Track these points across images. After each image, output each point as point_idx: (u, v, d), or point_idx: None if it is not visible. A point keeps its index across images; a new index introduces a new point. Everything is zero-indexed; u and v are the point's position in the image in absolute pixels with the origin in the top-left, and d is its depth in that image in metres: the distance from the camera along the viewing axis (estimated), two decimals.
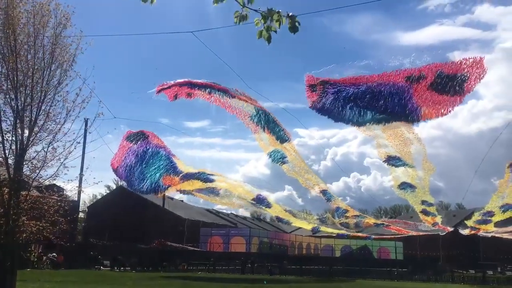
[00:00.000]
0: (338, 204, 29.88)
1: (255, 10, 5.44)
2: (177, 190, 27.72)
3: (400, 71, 12.34)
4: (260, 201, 27.28)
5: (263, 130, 23.18)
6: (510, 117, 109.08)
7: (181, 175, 24.15)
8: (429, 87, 11.87)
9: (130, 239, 49.33)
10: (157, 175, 23.92)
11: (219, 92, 21.58)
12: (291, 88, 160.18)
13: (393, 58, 12.40)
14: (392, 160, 22.12)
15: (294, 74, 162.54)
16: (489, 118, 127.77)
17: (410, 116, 12.67)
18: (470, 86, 11.46)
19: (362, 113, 13.84)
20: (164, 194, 50.89)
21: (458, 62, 11.36)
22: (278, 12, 5.35)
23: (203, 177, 25.07)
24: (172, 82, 21.57)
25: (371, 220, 36.00)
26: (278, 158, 24.38)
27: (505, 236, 36.90)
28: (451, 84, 11.47)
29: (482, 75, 11.28)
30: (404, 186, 24.97)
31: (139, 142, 24.41)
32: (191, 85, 21.52)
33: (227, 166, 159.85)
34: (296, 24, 5.39)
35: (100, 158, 19.98)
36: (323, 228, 36.24)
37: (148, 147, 24.41)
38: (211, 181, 25.51)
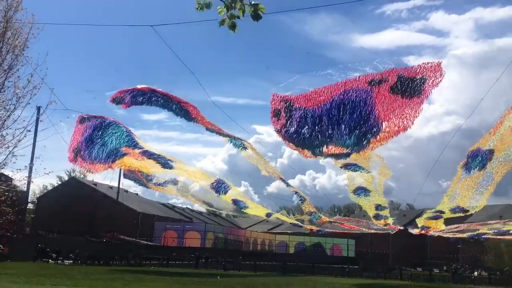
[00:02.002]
0: (297, 190, 30.22)
1: None
2: (134, 171, 26.98)
3: (363, 77, 12.51)
4: (219, 185, 27.06)
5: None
6: (459, 122, 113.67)
7: (141, 150, 23.45)
8: (391, 90, 12.09)
9: (82, 232, 48.13)
10: (118, 146, 23.10)
11: (176, 110, 21.28)
12: (252, 84, 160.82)
13: (356, 64, 12.47)
14: (349, 166, 22.22)
15: (255, 71, 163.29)
16: (440, 123, 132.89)
17: (371, 131, 12.84)
18: (428, 89, 11.77)
19: (326, 143, 14.04)
20: (119, 187, 50.02)
21: (417, 66, 11.69)
22: (241, 0, 5.26)
23: (162, 161, 24.54)
24: (131, 88, 20.83)
25: (325, 219, 36.52)
26: (239, 144, 24.41)
27: (452, 235, 38.34)
28: (411, 86, 11.75)
29: (440, 79, 11.62)
30: (358, 191, 25.30)
31: (94, 120, 23.54)
32: (149, 95, 20.85)
33: (184, 161, 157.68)
34: (259, 12, 5.29)
35: (52, 148, 19.47)
36: (277, 215, 36.32)
37: (106, 120, 23.63)
38: (170, 167, 25.04)
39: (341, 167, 22.66)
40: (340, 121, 13.13)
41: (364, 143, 13.32)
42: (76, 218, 56.50)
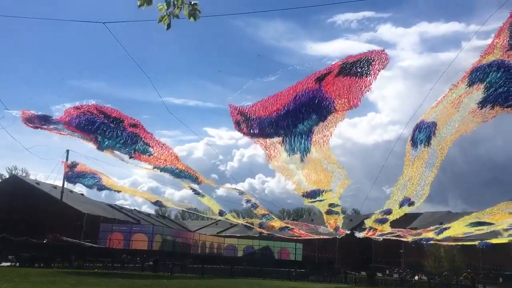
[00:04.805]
0: (249, 198, 30.20)
1: None
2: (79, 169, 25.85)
3: (311, 75, 12.62)
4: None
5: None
6: (401, 131, 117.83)
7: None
8: (337, 75, 12.20)
9: (22, 233, 46.03)
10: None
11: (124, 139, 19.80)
12: (203, 87, 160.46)
13: (305, 65, 12.68)
14: (311, 194, 21.95)
15: (206, 73, 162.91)
16: (385, 131, 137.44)
17: (324, 111, 12.84)
18: (376, 70, 11.94)
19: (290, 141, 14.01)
20: (63, 186, 48.24)
21: (362, 53, 11.90)
22: None
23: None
24: (77, 104, 19.42)
25: (276, 223, 36.64)
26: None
27: (396, 237, 39.64)
28: (356, 66, 11.91)
29: (385, 63, 11.86)
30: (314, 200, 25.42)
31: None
32: (94, 120, 19.29)
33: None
34: (196, 12, 5.46)
35: None
36: (229, 216, 36.11)
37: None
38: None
39: (303, 195, 22.19)
40: (295, 125, 13.18)
41: (321, 119, 13.22)
42: (16, 218, 54.04)
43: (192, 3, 5.45)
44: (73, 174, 27.01)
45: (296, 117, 13.05)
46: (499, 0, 10.64)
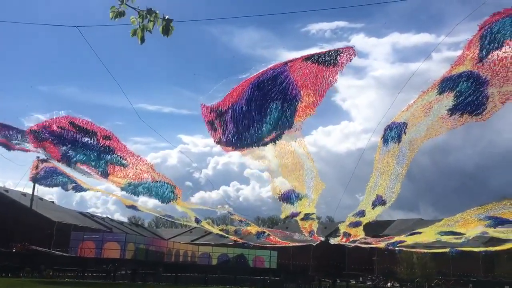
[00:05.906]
0: (226, 209, 30.22)
1: (133, 8, 5.44)
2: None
3: (280, 62, 12.73)
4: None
5: None
6: (374, 139, 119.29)
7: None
8: (305, 60, 12.32)
9: None
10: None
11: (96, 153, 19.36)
12: (178, 93, 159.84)
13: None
14: (287, 196, 21.92)
15: (180, 80, 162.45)
16: (358, 139, 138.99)
17: (291, 103, 12.81)
18: (342, 60, 12.14)
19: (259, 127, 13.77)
20: (33, 194, 47.12)
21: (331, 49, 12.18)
22: (156, 13, 5.42)
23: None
24: (48, 119, 18.78)
25: (254, 228, 36.56)
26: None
27: (365, 244, 40.08)
28: (325, 55, 12.08)
29: (353, 56, 12.10)
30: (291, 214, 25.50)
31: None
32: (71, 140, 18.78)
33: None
34: (170, 27, 5.47)
35: None
36: (204, 223, 35.82)
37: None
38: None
39: (279, 197, 22.13)
40: (262, 100, 12.97)
41: (289, 114, 13.15)
42: None
43: (166, 18, 5.42)
44: (45, 172, 25.97)
45: (263, 96, 12.89)
46: (469, 12, 10.98)
